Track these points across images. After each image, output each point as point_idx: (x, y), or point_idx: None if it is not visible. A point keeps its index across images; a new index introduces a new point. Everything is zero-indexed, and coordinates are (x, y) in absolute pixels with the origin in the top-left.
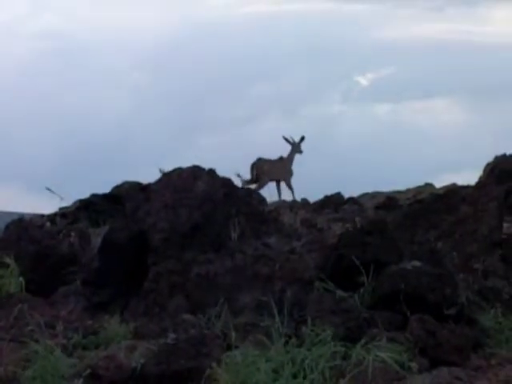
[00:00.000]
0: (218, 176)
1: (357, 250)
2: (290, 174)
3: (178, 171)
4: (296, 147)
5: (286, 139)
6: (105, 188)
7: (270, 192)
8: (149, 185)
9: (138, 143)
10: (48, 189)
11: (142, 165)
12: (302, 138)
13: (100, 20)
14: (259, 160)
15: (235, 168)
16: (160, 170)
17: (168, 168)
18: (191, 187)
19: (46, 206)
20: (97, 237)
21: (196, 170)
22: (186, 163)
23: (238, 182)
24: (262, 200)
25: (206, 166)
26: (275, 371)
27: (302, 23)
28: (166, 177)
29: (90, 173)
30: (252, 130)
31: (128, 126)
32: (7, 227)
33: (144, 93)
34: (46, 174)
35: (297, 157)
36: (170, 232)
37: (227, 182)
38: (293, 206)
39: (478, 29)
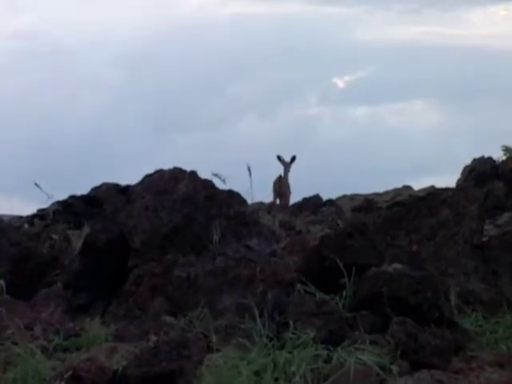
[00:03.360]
0: (200, 178)
1: (338, 252)
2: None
3: (159, 173)
4: (288, 167)
5: (280, 159)
6: (83, 189)
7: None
8: (127, 186)
9: (114, 143)
10: (36, 185)
11: (119, 165)
12: (293, 159)
13: (75, 20)
14: (282, 177)
15: (212, 168)
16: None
17: (145, 168)
18: (172, 189)
19: (23, 207)
20: (77, 239)
21: (177, 172)
22: (162, 163)
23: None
24: (243, 202)
25: (182, 166)
26: (257, 374)
27: (279, 25)
28: (147, 179)
29: (67, 174)
30: (228, 131)
31: (104, 126)
32: None
33: (120, 93)
34: (21, 175)
35: (274, 159)
36: (150, 234)
37: (208, 184)
38: (271, 208)
39: (454, 31)
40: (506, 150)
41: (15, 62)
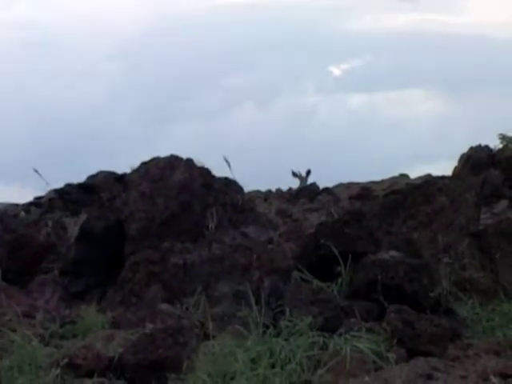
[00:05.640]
0: (196, 165)
1: (334, 240)
2: None
3: (156, 160)
4: (304, 181)
5: (295, 173)
6: (79, 177)
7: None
8: (124, 174)
9: (112, 133)
10: (35, 171)
11: (116, 154)
12: (308, 172)
13: (74, 10)
14: None
15: (208, 157)
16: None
17: (142, 157)
18: (169, 177)
19: (21, 196)
20: (73, 226)
21: (173, 160)
22: (160, 153)
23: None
24: (240, 190)
25: (179, 155)
26: (253, 361)
27: (276, 14)
28: (144, 166)
29: (64, 162)
30: (226, 121)
31: (102, 116)
32: None
33: (118, 83)
34: (18, 163)
35: (274, 148)
36: (147, 221)
37: (205, 172)
38: (267, 196)
39: (452, 19)
40: (503, 138)
41: (13, 51)
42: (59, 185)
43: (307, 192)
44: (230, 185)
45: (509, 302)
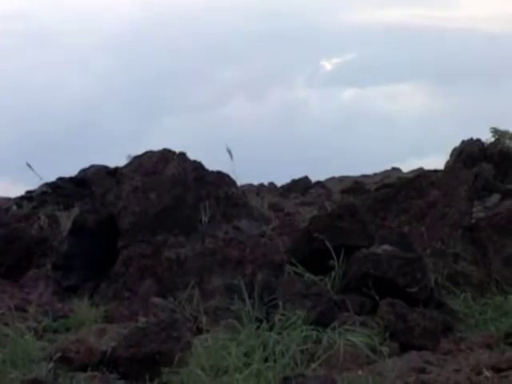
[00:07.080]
0: (189, 159)
1: (327, 233)
2: None
3: (149, 154)
4: None
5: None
6: (71, 171)
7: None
8: (116, 168)
9: (104, 126)
10: (28, 165)
11: (107, 148)
12: None
13: (65, 2)
14: None
15: (201, 151)
16: (128, 157)
17: (134, 152)
18: (161, 170)
19: (11, 190)
20: (66, 220)
21: (166, 153)
22: (151, 146)
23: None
24: (233, 184)
25: (171, 148)
26: (246, 355)
27: (268, 6)
28: (136, 160)
29: (56, 156)
30: (217, 114)
31: (93, 109)
32: None
33: (110, 76)
34: (9, 157)
35: (265, 142)
36: (140, 215)
37: (198, 166)
38: (259, 189)
39: (444, 14)
40: (495, 131)
41: (3, 42)
42: (51, 178)
43: (299, 186)
44: (222, 178)
45: (501, 296)
